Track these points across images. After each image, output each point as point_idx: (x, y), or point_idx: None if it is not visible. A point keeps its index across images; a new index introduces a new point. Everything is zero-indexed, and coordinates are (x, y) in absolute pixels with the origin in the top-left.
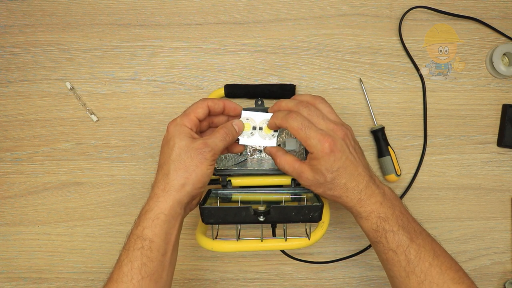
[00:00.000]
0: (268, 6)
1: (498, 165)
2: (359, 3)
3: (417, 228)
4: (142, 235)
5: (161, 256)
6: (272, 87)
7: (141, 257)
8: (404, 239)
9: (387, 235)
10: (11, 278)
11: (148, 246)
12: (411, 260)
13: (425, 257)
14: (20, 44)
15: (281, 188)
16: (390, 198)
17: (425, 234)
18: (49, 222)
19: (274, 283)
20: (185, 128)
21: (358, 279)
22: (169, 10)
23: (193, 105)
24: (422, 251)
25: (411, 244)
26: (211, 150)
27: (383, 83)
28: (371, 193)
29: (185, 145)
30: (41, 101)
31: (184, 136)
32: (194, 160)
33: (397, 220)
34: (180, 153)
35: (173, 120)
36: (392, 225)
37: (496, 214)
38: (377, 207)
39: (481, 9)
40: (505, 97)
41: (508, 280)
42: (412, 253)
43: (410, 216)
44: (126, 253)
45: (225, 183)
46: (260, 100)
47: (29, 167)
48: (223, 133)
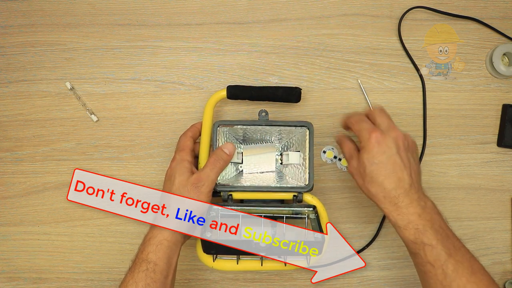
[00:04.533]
0: (268, 6)
1: (498, 165)
2: (359, 3)
3: (457, 244)
4: (147, 258)
5: (163, 278)
6: (277, 91)
7: (145, 278)
8: (442, 253)
9: (425, 248)
10: (11, 278)
11: (152, 268)
12: (448, 275)
13: (463, 273)
14: (20, 44)
15: (282, 205)
16: (430, 212)
17: (464, 251)
18: (49, 222)
19: (274, 283)
20: (185, 163)
21: (358, 279)
22: (169, 10)
23: (182, 138)
24: (460, 267)
25: (449, 259)
26: (204, 184)
27: (383, 83)
28: (410, 202)
29: (183, 180)
30: (41, 101)
31: (184, 171)
32: (191, 193)
33: (436, 234)
34: (179, 187)
35: (174, 158)
36: (431, 238)
37: (496, 214)
38: (415, 218)
39: (481, 9)
40: (505, 97)
41: (508, 280)
42: (449, 267)
43: (450, 232)
44: (131, 274)
45: (226, 197)
46: (264, 111)
47: (29, 167)
48: (212, 162)
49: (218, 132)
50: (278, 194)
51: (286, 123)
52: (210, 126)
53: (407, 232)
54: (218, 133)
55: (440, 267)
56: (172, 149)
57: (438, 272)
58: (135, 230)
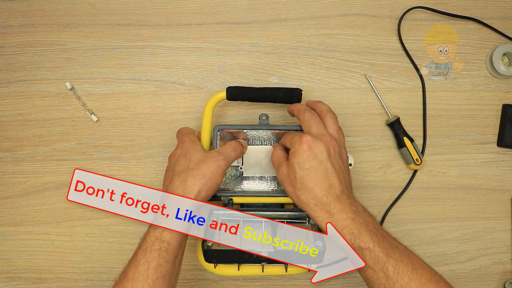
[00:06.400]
0: (268, 6)
1: (498, 165)
2: (359, 3)
3: (393, 242)
4: (161, 237)
5: (174, 258)
6: (278, 92)
7: (158, 258)
8: (380, 255)
9: (364, 253)
10: (11, 278)
11: (166, 248)
12: (390, 277)
13: (404, 272)
14: (20, 44)
15: (282, 209)
16: (363, 215)
17: (402, 248)
18: (49, 222)
19: (274, 283)
20: (198, 142)
21: (358, 279)
22: (169, 10)
23: (182, 128)
24: (400, 265)
25: (388, 260)
26: (224, 159)
27: (383, 83)
28: (342, 208)
29: (202, 155)
30: (41, 101)
31: (200, 148)
32: (211, 168)
33: (371, 236)
34: (198, 163)
35: (182, 141)
36: (367, 241)
37: (496, 214)
38: (349, 223)
39: (481, 9)
40: (505, 97)
41: (508, 280)
42: (390, 269)
43: (384, 231)
44: (143, 253)
45: (227, 202)
46: (265, 115)
47: (29, 167)
48: (233, 145)
49: (218, 136)
50: (278, 198)
51: (287, 127)
52: (209, 128)
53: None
54: (218, 138)
55: (381, 269)
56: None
57: (380, 275)
58: (135, 230)
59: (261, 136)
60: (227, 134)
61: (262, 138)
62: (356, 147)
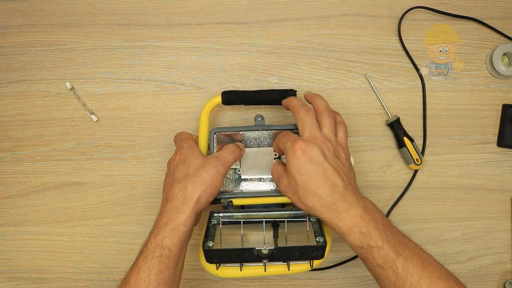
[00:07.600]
0: (268, 6)
1: (498, 165)
2: (359, 3)
3: (402, 240)
4: (162, 244)
5: (175, 265)
6: (272, 94)
7: (159, 264)
8: (389, 253)
9: (373, 251)
10: (11, 278)
11: (167, 254)
12: (400, 275)
13: (413, 270)
14: (20, 44)
15: (282, 209)
16: (372, 211)
17: (412, 245)
18: (49, 222)
19: (274, 283)
20: (197, 148)
21: (358, 279)
22: (169, 10)
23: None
24: (409, 263)
25: (397, 258)
26: (223, 164)
27: (383, 83)
28: (349, 206)
29: (201, 161)
30: (41, 101)
31: (199, 154)
32: (210, 174)
33: (380, 234)
34: (197, 169)
35: (181, 146)
36: (376, 240)
37: (496, 214)
38: (358, 221)
39: (481, 9)
40: (505, 97)
41: (508, 280)
42: (399, 267)
43: (394, 228)
44: (144, 260)
45: (227, 204)
46: (260, 116)
47: (29, 167)
48: (231, 148)
49: (215, 140)
50: (278, 198)
51: (282, 127)
52: (206, 133)
53: (352, 238)
54: (215, 141)
55: (390, 268)
56: (172, 149)
57: (389, 273)
58: (135, 230)
59: (258, 137)
60: (224, 137)
61: (259, 139)
62: (356, 147)
